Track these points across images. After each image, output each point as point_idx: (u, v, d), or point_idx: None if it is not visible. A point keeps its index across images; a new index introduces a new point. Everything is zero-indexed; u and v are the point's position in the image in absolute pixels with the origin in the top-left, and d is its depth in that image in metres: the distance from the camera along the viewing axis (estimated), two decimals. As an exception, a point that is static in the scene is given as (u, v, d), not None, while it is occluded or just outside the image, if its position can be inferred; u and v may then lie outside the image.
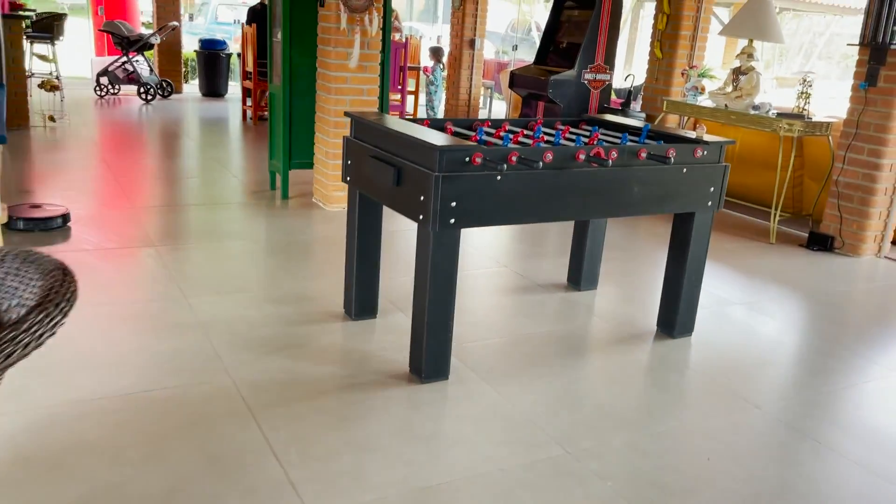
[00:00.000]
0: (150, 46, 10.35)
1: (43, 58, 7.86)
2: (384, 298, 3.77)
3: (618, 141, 3.42)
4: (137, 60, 10.25)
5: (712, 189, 3.43)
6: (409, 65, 8.71)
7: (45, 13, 9.38)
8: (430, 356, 2.97)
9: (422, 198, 2.80)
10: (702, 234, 3.51)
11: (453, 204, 2.79)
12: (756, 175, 6.24)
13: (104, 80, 10.32)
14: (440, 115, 9.68)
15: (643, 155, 3.16)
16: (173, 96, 10.99)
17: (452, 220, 2.81)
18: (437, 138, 2.87)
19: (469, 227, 2.89)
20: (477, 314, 3.74)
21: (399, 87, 8.17)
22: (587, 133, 3.66)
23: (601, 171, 3.08)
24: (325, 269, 4.22)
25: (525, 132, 3.52)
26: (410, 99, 9.49)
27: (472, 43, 9.20)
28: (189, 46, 13.19)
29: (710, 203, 3.44)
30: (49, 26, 9.48)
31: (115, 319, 3.32)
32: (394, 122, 3.19)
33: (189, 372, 2.91)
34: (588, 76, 6.84)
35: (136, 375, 2.85)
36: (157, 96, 10.54)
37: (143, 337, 3.18)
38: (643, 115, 7.11)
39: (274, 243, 4.65)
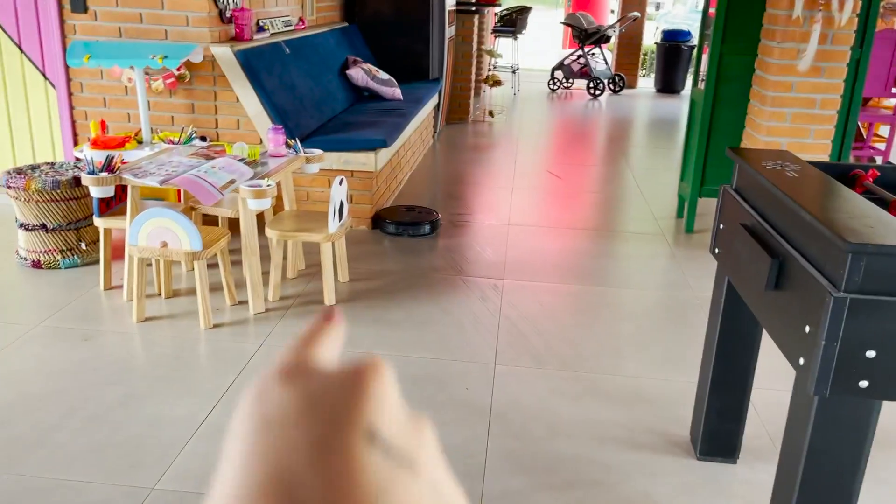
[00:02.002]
0: (608, 39, 9.84)
1: (490, 53, 7.95)
2: (759, 427, 2.48)
3: None
4: (593, 54, 9.84)
5: None
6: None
7: (510, 8, 9.56)
8: None
9: (807, 328, 1.53)
10: None
11: (870, 354, 1.46)
12: None
13: (559, 73, 10.19)
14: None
15: None
16: (625, 92, 10.36)
17: (864, 384, 1.48)
18: (863, 218, 1.54)
19: (898, 399, 1.51)
20: (920, 502, 2.19)
21: (894, 91, 6.09)
22: None
23: None
24: (698, 354, 3.04)
25: None
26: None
27: None
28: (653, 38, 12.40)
29: None
30: (513, 21, 9.66)
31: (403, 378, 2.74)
32: (798, 171, 1.90)
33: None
34: None
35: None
36: (607, 91, 10.03)
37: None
38: None
39: (644, 297, 3.60)
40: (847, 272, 1.43)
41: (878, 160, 6.04)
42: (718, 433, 2.32)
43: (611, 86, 10.07)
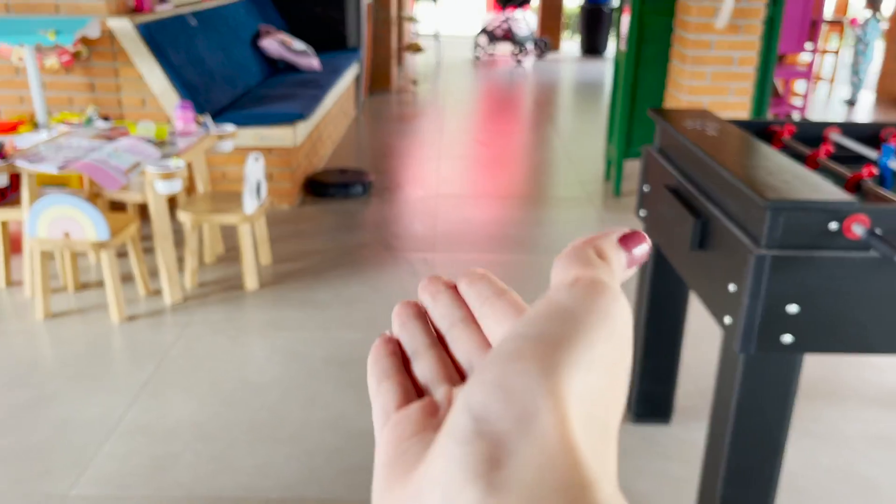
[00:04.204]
0: (527, 1, 9.78)
1: (409, 20, 7.78)
2: (691, 386, 2.49)
3: None
4: (515, 18, 9.78)
5: None
6: (827, 18, 6.64)
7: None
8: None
9: (731, 287, 1.51)
10: None
11: (792, 309, 1.45)
12: None
13: (482, 39, 10.10)
14: (866, 83, 7.34)
15: None
16: (549, 56, 10.35)
17: (788, 339, 1.47)
18: (781, 174, 1.52)
19: (820, 351, 1.50)
20: (844, 442, 2.24)
21: (807, 47, 6.23)
22: None
23: None
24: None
25: None
26: (830, 60, 7.37)
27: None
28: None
29: None
30: (434, -14, 9.48)
31: (332, 360, 2.65)
32: (718, 129, 1.87)
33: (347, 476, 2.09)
34: None
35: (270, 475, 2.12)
36: (532, 56, 10.01)
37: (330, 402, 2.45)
38: None
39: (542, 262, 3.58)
40: (767, 229, 1.41)
41: (796, 116, 6.19)
42: (652, 395, 2.32)
43: (535, 50, 10.04)
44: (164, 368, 2.58)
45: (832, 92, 7.50)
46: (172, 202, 3.58)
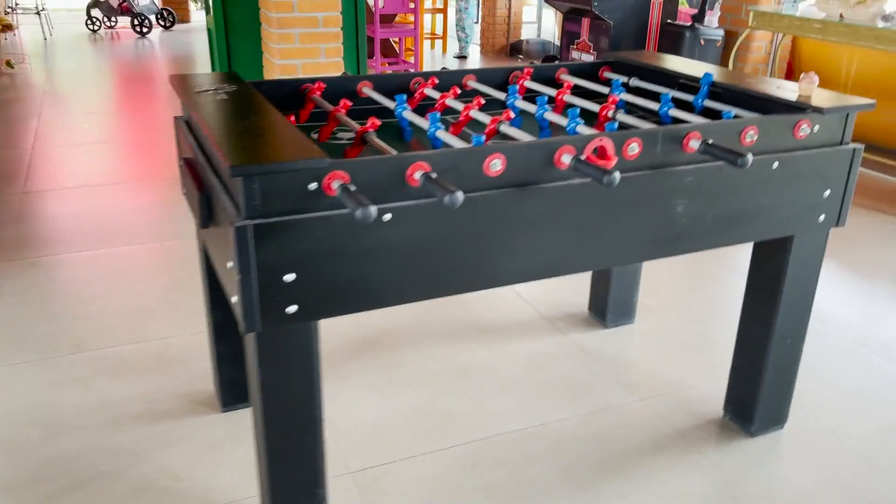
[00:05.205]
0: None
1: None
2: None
3: (653, 108, 1.89)
4: (131, -13, 8.96)
5: (828, 193, 1.87)
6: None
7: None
8: (282, 539, 1.63)
9: (229, 263, 1.41)
10: (806, 272, 1.97)
11: (289, 278, 1.39)
12: (889, 113, 4.45)
13: (96, 12, 9.10)
14: (473, 38, 8.01)
15: (692, 145, 1.64)
16: (179, 27, 9.70)
17: (293, 309, 1.41)
18: (263, 137, 1.44)
19: (328, 315, 1.48)
20: (428, 381, 2.35)
21: (411, 5, 6.56)
22: (601, 94, 2.13)
23: (605, 190, 1.58)
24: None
25: (489, 99, 2.01)
26: (438, 20, 7.86)
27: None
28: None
29: (822, 218, 1.89)
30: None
31: None
32: (233, 94, 1.75)
33: None
34: (648, -19, 5.09)
35: None
36: (157, 28, 9.28)
37: None
38: (721, 32, 5.32)
39: (173, 249, 3.34)
40: (243, 197, 1.32)
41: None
42: (235, 380, 2.20)
43: (160, 21, 9.33)
44: None
45: (446, 48, 8.06)
46: None
